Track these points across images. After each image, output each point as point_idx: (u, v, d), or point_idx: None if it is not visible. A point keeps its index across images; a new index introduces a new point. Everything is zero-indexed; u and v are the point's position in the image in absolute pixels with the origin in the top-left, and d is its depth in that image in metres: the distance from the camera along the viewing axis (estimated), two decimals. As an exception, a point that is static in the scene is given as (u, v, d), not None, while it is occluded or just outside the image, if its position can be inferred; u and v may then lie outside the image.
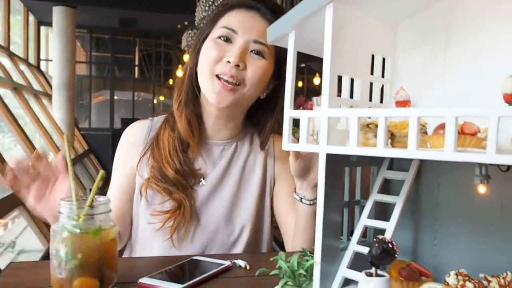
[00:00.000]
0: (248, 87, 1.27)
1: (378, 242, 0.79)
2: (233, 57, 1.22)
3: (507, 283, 0.82)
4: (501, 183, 0.90)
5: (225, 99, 1.25)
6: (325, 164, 0.86)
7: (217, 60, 1.24)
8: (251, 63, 1.25)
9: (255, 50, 1.26)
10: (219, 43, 1.26)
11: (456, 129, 0.70)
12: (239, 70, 1.24)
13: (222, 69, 1.24)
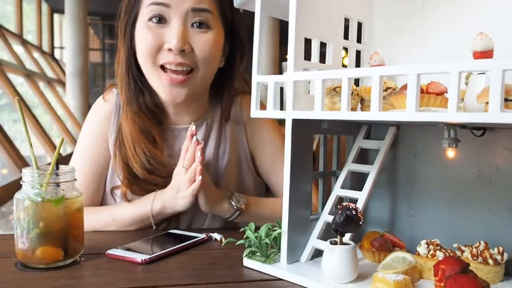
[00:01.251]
0: (201, 69, 1.09)
1: (341, 209, 0.76)
2: (173, 42, 1.03)
3: (479, 252, 0.79)
4: (478, 151, 0.86)
5: (179, 94, 1.09)
6: (291, 130, 0.83)
7: (156, 49, 1.06)
8: (197, 41, 1.06)
9: (196, 23, 1.06)
10: (152, 27, 1.06)
11: (419, 88, 0.67)
12: (185, 54, 1.05)
13: (166, 59, 1.06)
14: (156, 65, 1.07)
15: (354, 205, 0.76)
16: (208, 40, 1.07)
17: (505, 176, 0.83)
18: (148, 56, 1.06)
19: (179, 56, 1.05)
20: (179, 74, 1.06)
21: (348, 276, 0.75)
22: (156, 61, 1.06)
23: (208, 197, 1.08)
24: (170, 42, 1.04)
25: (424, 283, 0.78)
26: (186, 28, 1.06)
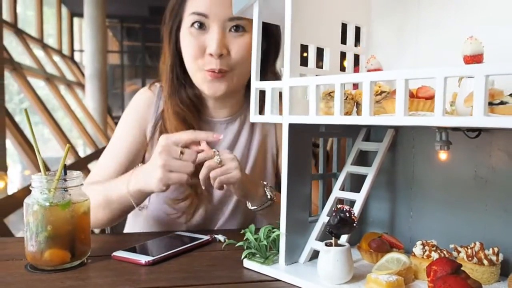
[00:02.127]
0: (237, 70, 1.18)
1: (335, 211, 0.78)
2: (213, 48, 1.13)
3: (475, 253, 0.79)
4: (474, 152, 0.87)
5: (219, 88, 1.18)
6: (287, 135, 0.85)
7: (198, 54, 1.16)
8: (233, 45, 1.16)
9: (233, 28, 1.16)
10: (194, 33, 1.16)
11: (407, 92, 0.68)
12: (224, 58, 1.15)
13: (208, 64, 1.15)
14: (200, 68, 1.17)
15: (348, 207, 0.78)
16: (244, 42, 1.16)
17: (500, 177, 0.84)
18: (193, 60, 1.17)
19: (219, 61, 1.14)
20: (219, 73, 1.16)
21: (342, 277, 0.77)
22: (200, 66, 1.17)
23: (244, 182, 1.07)
24: (210, 47, 1.13)
25: (419, 284, 0.79)
26: (224, 33, 1.15)
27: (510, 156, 0.83)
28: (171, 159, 0.97)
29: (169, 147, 0.98)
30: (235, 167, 1.04)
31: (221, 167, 1.04)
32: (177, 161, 0.98)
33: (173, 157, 0.98)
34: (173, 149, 0.98)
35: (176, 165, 0.97)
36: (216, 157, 1.03)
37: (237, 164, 1.05)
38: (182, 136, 1.00)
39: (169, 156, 0.97)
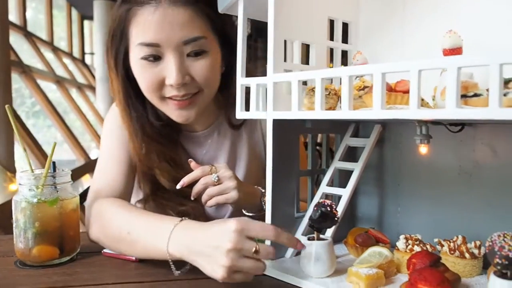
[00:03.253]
0: (206, 90, 1.05)
1: (317, 205, 0.79)
2: (173, 79, 0.98)
3: (457, 246, 0.79)
4: (458, 146, 0.87)
5: (190, 115, 1.06)
6: (272, 130, 0.85)
7: (158, 85, 1.02)
8: (195, 70, 1.01)
9: (191, 53, 1.00)
10: (146, 65, 1.00)
11: (384, 86, 0.68)
12: (187, 84, 1.02)
13: (171, 93, 1.02)
14: (162, 97, 1.04)
15: (330, 202, 0.78)
16: (206, 64, 1.02)
17: (484, 171, 0.84)
18: (151, 92, 1.03)
19: (182, 89, 1.01)
20: (185, 100, 1.03)
21: (324, 271, 0.77)
22: (161, 95, 1.03)
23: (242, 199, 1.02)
24: (169, 79, 0.99)
25: (401, 277, 0.79)
26: (182, 59, 1.00)
27: (493, 150, 0.83)
28: (242, 259, 0.73)
29: (243, 244, 0.73)
30: (234, 187, 1.00)
31: (219, 185, 1.01)
32: (248, 261, 0.74)
33: (245, 255, 0.73)
34: (247, 246, 0.73)
35: (247, 266, 0.73)
36: (214, 175, 1.01)
37: (235, 184, 1.00)
38: (259, 233, 0.75)
39: (240, 255, 0.73)
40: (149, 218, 0.88)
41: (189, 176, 1.02)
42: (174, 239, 0.79)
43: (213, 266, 0.74)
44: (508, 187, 0.81)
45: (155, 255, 0.83)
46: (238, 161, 1.23)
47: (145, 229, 0.86)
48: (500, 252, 0.57)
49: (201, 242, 0.76)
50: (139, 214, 0.90)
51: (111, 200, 0.99)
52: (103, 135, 1.18)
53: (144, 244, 0.85)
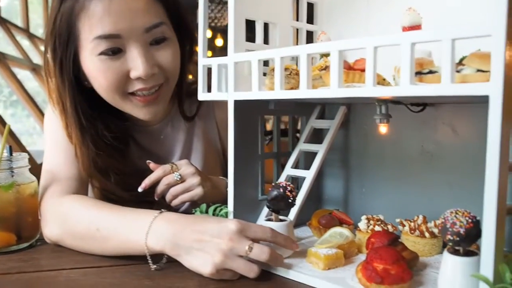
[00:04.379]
0: (171, 80, 1.01)
1: (272, 187, 0.78)
2: (141, 70, 0.91)
3: (417, 226, 0.79)
4: (420, 127, 0.87)
5: (157, 110, 1.01)
6: (233, 112, 0.84)
7: (122, 81, 0.94)
8: (162, 58, 0.96)
9: (153, 41, 0.94)
10: (106, 61, 0.92)
11: (341, 64, 0.67)
12: (155, 75, 0.95)
13: (137, 87, 0.95)
14: (125, 94, 0.96)
15: (285, 183, 0.77)
16: (172, 52, 0.97)
17: (445, 151, 0.84)
18: (114, 90, 0.95)
19: (150, 80, 0.95)
20: (152, 94, 0.98)
21: (282, 252, 0.76)
22: (125, 91, 0.96)
23: (207, 194, 1.00)
24: (137, 71, 0.92)
25: (362, 257, 0.78)
26: (147, 49, 0.93)
27: (454, 130, 0.83)
28: (235, 258, 0.71)
29: (240, 240, 0.71)
30: (198, 183, 0.98)
31: (182, 184, 0.98)
32: (240, 261, 0.71)
33: (239, 254, 0.71)
34: (243, 243, 0.71)
35: (237, 265, 0.71)
36: (176, 173, 0.98)
37: (199, 180, 0.98)
38: (259, 234, 0.73)
39: (234, 254, 0.71)
40: (122, 212, 0.83)
41: (150, 178, 1.00)
42: (154, 232, 0.75)
43: (203, 261, 0.71)
44: (468, 167, 0.81)
45: (130, 250, 0.78)
46: (193, 153, 1.19)
47: (118, 223, 0.80)
48: (452, 229, 0.57)
49: (191, 236, 0.73)
50: (110, 209, 0.84)
51: (72, 197, 0.92)
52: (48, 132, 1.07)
53: (118, 239, 0.79)
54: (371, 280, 0.64)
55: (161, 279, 0.73)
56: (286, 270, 0.73)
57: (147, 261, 0.76)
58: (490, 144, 0.52)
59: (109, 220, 0.81)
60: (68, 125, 0.98)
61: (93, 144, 0.98)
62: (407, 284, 0.64)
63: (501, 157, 0.52)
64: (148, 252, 0.76)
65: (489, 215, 0.53)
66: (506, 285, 0.53)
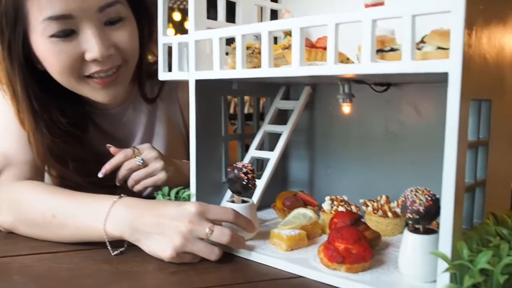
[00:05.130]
0: (130, 61, 0.96)
1: (231, 169, 0.77)
2: (97, 51, 0.86)
3: (380, 206, 0.79)
4: (385, 107, 0.87)
5: (116, 92, 0.96)
6: (194, 92, 0.82)
7: (77, 64, 0.89)
8: (118, 39, 0.91)
9: (108, 21, 0.89)
10: (59, 43, 0.86)
11: (303, 42, 0.66)
12: (112, 56, 0.91)
13: (94, 69, 0.90)
14: (82, 77, 0.91)
15: (243, 165, 0.76)
16: (129, 32, 0.93)
17: (408, 131, 0.84)
18: (68, 73, 0.90)
19: (108, 61, 0.90)
20: (110, 76, 0.93)
21: (246, 233, 0.75)
22: (80, 74, 0.91)
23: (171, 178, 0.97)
24: (92, 52, 0.87)
25: (325, 238, 0.78)
26: (102, 30, 0.88)
27: (417, 110, 0.83)
28: (195, 241, 0.69)
29: (200, 222, 0.69)
30: (161, 168, 0.95)
31: (145, 168, 0.95)
32: (201, 243, 0.69)
33: (199, 236, 0.69)
34: (203, 225, 0.69)
35: (198, 248, 0.69)
36: (138, 158, 0.95)
37: (162, 164, 0.95)
38: (219, 215, 0.72)
39: (194, 236, 0.69)
40: (79, 197, 0.80)
41: (111, 163, 0.96)
42: (113, 217, 0.73)
43: (163, 245, 0.69)
44: (430, 147, 0.81)
45: (89, 237, 0.76)
46: (156, 137, 1.15)
47: (75, 209, 0.77)
48: (412, 207, 0.57)
49: (150, 221, 0.71)
50: (66, 194, 0.81)
51: (26, 183, 0.88)
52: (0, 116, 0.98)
53: (75, 226, 0.76)
54: (333, 259, 0.63)
55: (120, 263, 0.71)
56: (248, 252, 0.72)
57: (107, 246, 0.74)
58: (449, 121, 0.52)
59: (65, 206, 0.78)
60: (19, 111, 0.92)
61: (48, 130, 0.93)
62: (368, 263, 0.64)
63: (460, 135, 0.52)
64: (107, 238, 0.74)
65: (447, 193, 0.53)
66: (464, 261, 0.53)
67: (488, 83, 0.60)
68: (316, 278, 0.64)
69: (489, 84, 0.60)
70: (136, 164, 0.95)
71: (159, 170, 0.95)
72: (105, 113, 1.09)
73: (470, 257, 0.53)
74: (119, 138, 1.10)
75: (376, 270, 0.64)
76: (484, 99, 0.60)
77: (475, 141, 0.60)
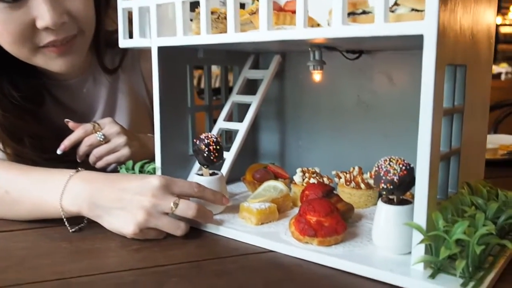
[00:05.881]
0: (86, 31, 0.91)
1: (195, 140, 0.73)
2: (48, 19, 0.80)
3: (353, 177, 0.77)
4: (357, 76, 0.84)
5: (73, 61, 0.91)
6: (157, 60, 0.77)
7: (28, 33, 0.83)
8: (72, 6, 0.85)
9: None
10: (7, 11, 0.80)
11: (270, 5, 0.62)
12: (66, 24, 0.85)
13: (47, 39, 0.84)
14: (35, 48, 0.86)
15: (207, 135, 0.73)
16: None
17: (381, 101, 0.81)
18: (20, 43, 0.84)
19: (61, 31, 0.84)
20: (65, 44, 0.87)
21: (214, 207, 0.72)
22: (34, 45, 0.85)
23: (136, 154, 0.92)
24: (43, 20, 0.81)
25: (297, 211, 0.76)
26: None
27: (390, 79, 0.80)
28: (159, 215, 0.65)
29: (164, 196, 0.65)
30: (124, 143, 0.90)
31: (107, 144, 0.90)
32: (165, 218, 0.65)
33: (163, 211, 0.65)
34: (167, 199, 0.65)
35: (162, 223, 0.65)
36: (99, 133, 0.90)
37: (125, 139, 0.90)
38: (185, 189, 0.68)
39: (158, 211, 0.65)
40: (34, 172, 0.74)
41: (69, 139, 0.91)
42: (70, 192, 0.68)
43: (125, 221, 0.65)
44: (403, 117, 0.79)
45: (45, 214, 0.71)
46: (119, 110, 1.10)
47: (29, 184, 0.72)
48: (385, 177, 0.54)
49: (110, 195, 0.66)
50: (20, 170, 0.75)
51: None
52: None
53: (30, 202, 0.71)
54: (304, 233, 0.61)
55: (80, 241, 0.67)
56: (216, 227, 0.69)
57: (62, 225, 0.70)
58: (424, 87, 0.49)
59: (19, 182, 0.73)
60: None
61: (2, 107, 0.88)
62: (341, 236, 0.61)
63: (435, 101, 0.49)
64: (64, 215, 0.69)
65: (422, 161, 0.50)
66: (439, 232, 0.51)
67: (463, 48, 0.57)
68: (287, 252, 0.61)
69: (464, 50, 0.58)
70: (97, 140, 0.90)
71: (122, 145, 0.91)
72: (63, 84, 1.03)
73: (445, 228, 0.51)
74: (79, 112, 1.04)
75: (349, 243, 0.62)
76: (459, 64, 0.57)
77: (450, 108, 0.57)
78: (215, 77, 3.99)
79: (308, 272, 0.57)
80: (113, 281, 0.55)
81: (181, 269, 0.58)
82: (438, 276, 0.52)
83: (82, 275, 0.57)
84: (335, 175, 0.81)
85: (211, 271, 0.57)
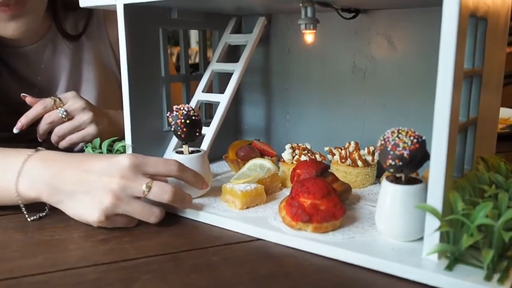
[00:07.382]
0: None
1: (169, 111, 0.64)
2: None
3: (349, 153, 0.69)
4: (353, 39, 0.75)
5: (27, 23, 0.82)
6: (123, 21, 0.67)
7: None
8: None
9: None
10: None
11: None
12: None
13: None
14: None
15: (177, 107, 0.63)
16: None
17: (380, 67, 0.73)
18: None
19: None
20: (17, 3, 0.79)
21: (193, 190, 0.63)
22: None
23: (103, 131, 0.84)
24: None
25: (287, 192, 0.67)
26: None
27: (390, 42, 0.71)
28: (128, 200, 0.56)
29: (135, 177, 0.56)
30: (89, 120, 0.81)
31: (70, 122, 0.81)
32: (136, 203, 0.56)
33: (134, 194, 0.56)
34: (138, 181, 0.56)
35: (132, 209, 0.56)
36: (61, 109, 0.80)
37: (91, 116, 0.81)
38: (160, 168, 0.58)
39: (127, 194, 0.56)
40: None
41: (27, 116, 0.81)
42: (27, 175, 0.59)
43: (90, 207, 0.56)
44: (404, 85, 0.71)
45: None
46: (84, 83, 1.00)
47: None
48: (394, 152, 0.46)
49: (73, 178, 0.57)
50: None
51: None
52: None
53: None
54: (297, 218, 0.52)
55: (37, 231, 0.58)
56: (195, 212, 0.60)
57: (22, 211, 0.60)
58: (444, 44, 0.40)
59: None
60: None
61: None
62: (339, 221, 0.53)
63: (456, 60, 0.41)
64: (21, 201, 0.60)
65: (439, 132, 0.42)
66: (458, 216, 0.43)
67: None
68: (277, 241, 0.53)
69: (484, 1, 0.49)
70: (59, 117, 0.80)
71: (88, 123, 0.81)
72: (18, 52, 0.92)
73: (465, 211, 0.43)
74: (38, 85, 0.93)
75: (349, 229, 0.54)
76: (481, 16, 0.48)
77: (470, 69, 0.49)
78: (195, 53, 3.83)
79: (303, 263, 0.49)
80: (71, 279, 0.46)
81: (154, 264, 0.49)
82: (455, 268, 0.44)
83: (35, 273, 0.48)
84: (328, 152, 0.72)
85: (190, 265, 0.49)
